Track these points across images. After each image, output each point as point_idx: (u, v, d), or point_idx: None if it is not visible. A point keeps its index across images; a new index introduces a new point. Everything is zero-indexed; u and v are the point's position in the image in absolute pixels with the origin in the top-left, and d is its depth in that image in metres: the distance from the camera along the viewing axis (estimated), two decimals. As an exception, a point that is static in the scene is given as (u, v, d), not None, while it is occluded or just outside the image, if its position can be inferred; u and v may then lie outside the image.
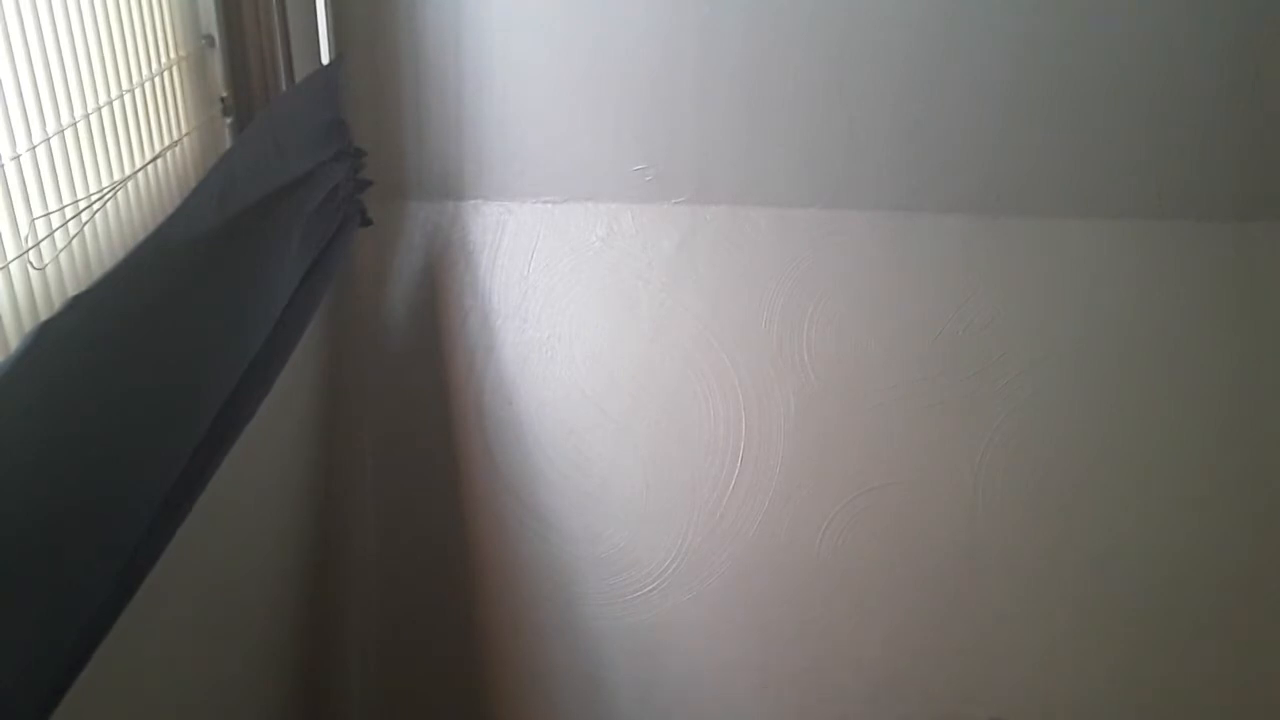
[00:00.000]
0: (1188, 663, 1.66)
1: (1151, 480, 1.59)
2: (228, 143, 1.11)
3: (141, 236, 0.73)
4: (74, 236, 0.78)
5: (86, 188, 0.81)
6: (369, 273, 1.49)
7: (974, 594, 1.63)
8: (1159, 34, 1.37)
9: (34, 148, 0.74)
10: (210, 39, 1.08)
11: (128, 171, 0.88)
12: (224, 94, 1.11)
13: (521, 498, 1.58)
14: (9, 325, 0.70)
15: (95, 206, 0.80)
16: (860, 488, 1.58)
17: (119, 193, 0.86)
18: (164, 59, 0.97)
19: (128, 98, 0.89)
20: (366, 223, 1.41)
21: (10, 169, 0.71)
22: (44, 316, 0.60)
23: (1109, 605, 1.64)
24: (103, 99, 0.85)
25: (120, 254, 0.70)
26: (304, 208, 1.07)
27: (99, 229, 0.83)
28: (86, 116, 0.82)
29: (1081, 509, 1.60)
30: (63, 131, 0.78)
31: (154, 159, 0.93)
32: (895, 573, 1.62)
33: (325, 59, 1.30)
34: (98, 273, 0.66)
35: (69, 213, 0.77)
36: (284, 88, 1.16)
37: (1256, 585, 1.63)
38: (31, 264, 0.73)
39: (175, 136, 0.99)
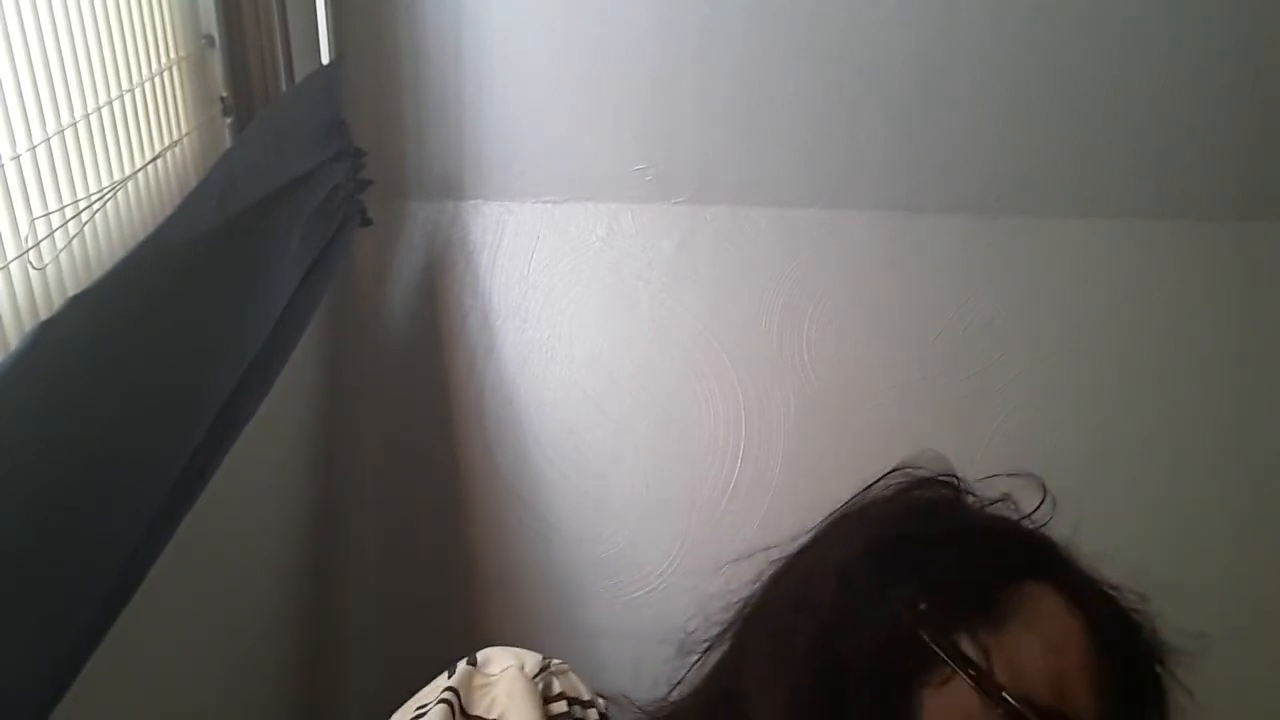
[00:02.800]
0: (1187, 663, 1.66)
1: (1151, 480, 1.59)
2: (228, 143, 1.11)
3: (141, 236, 0.73)
4: (74, 236, 0.78)
5: (86, 188, 0.81)
6: (369, 273, 1.49)
7: (974, 594, 1.62)
8: (1159, 34, 1.37)
9: (34, 148, 0.74)
10: (210, 39, 1.08)
11: (128, 171, 0.88)
12: (224, 94, 1.11)
13: (522, 497, 1.58)
14: (9, 325, 0.70)
15: (95, 206, 0.80)
16: (860, 488, 1.58)
17: (119, 193, 0.86)
18: (164, 59, 0.97)
19: (128, 98, 0.89)
20: (366, 223, 1.41)
21: (10, 169, 0.71)
22: (44, 316, 0.60)
23: (1109, 605, 1.64)
24: (103, 99, 0.85)
25: (120, 254, 0.70)
26: (304, 208, 1.07)
27: (99, 229, 0.83)
28: (86, 116, 0.82)
29: (1081, 509, 1.59)
30: (63, 131, 0.78)
31: (154, 159, 0.93)
32: (895, 573, 1.61)
33: (325, 59, 1.30)
34: (98, 273, 0.66)
35: (69, 213, 0.77)
36: (284, 88, 1.16)
37: (1256, 585, 1.63)
38: (31, 264, 0.73)
39: (175, 136, 0.99)
